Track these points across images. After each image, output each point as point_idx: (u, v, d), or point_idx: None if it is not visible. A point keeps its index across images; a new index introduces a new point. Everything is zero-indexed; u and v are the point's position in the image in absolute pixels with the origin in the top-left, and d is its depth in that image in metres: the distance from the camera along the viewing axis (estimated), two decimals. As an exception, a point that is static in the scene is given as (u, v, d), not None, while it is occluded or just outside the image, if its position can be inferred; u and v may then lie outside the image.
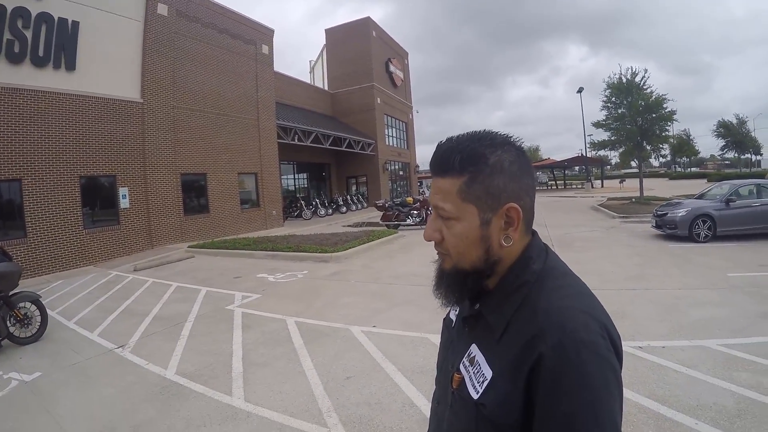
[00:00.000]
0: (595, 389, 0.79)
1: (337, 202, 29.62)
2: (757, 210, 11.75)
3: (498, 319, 0.94)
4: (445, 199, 0.95)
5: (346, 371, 4.83)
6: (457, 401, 0.97)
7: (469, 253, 0.95)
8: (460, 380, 0.97)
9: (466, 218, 0.94)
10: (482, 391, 0.90)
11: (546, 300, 0.89)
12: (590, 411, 0.78)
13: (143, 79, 15.21)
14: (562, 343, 0.81)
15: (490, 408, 0.88)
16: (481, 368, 0.93)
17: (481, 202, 0.93)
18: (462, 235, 0.94)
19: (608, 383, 0.80)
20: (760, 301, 6.50)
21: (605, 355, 0.82)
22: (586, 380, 0.79)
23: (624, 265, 9.41)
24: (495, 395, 0.88)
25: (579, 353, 0.80)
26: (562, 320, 0.84)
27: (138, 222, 14.86)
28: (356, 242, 13.45)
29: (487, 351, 0.94)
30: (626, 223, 16.74)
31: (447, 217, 0.95)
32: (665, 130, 23.60)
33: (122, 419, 4.01)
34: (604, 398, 0.79)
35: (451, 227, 0.95)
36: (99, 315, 7.65)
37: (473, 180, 0.92)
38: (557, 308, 0.87)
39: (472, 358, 0.97)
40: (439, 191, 0.96)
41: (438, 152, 0.98)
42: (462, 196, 0.93)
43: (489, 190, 0.93)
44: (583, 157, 46.54)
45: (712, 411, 3.62)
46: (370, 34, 34.44)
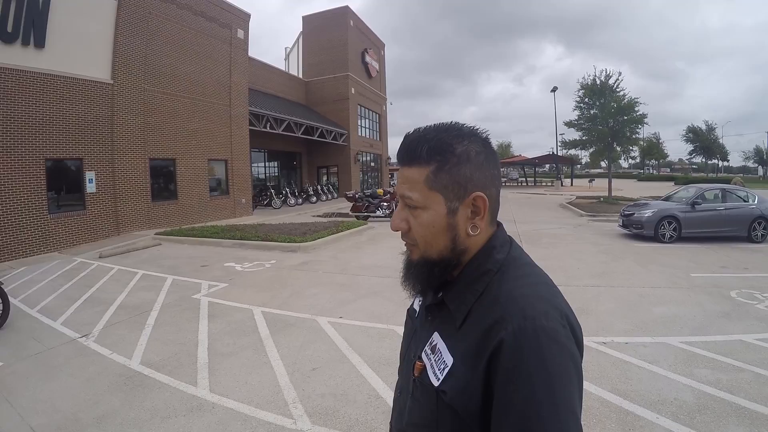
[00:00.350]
0: (553, 376, 0.79)
1: (307, 191, 29.49)
2: (722, 214, 12.24)
3: (459, 307, 0.95)
4: (412, 189, 0.96)
5: (312, 362, 4.88)
6: (419, 389, 0.98)
7: (436, 243, 0.97)
8: (422, 368, 0.98)
9: (432, 207, 0.95)
10: (443, 378, 0.91)
11: (507, 288, 0.91)
12: (548, 397, 0.78)
13: (114, 60, 14.81)
14: (522, 329, 0.82)
15: (451, 394, 0.89)
16: (442, 355, 0.94)
17: (447, 191, 0.94)
18: (429, 224, 0.96)
19: (567, 370, 0.81)
20: (720, 301, 6.80)
21: (565, 342, 0.83)
22: (545, 366, 0.79)
23: (590, 262, 9.67)
24: (455, 382, 0.89)
25: (539, 339, 0.81)
26: (523, 307, 0.85)
27: (105, 207, 14.54)
28: (325, 233, 13.48)
29: (449, 338, 0.95)
30: (594, 222, 17.15)
31: (414, 206, 0.97)
32: (636, 133, 24.14)
33: (86, 410, 3.98)
34: (563, 385, 0.80)
35: (417, 216, 0.97)
36: (63, 303, 7.51)
37: (440, 169, 0.94)
38: (518, 296, 0.88)
39: (434, 345, 0.98)
40: (406, 180, 0.97)
41: (405, 142, 0.99)
42: (429, 185, 0.94)
43: (456, 179, 0.94)
44: (554, 156, 47.21)
45: (673, 406, 3.79)
46: (348, 24, 34.23)
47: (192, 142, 18.40)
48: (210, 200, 19.55)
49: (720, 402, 3.84)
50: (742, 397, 3.89)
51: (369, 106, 38.74)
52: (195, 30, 18.53)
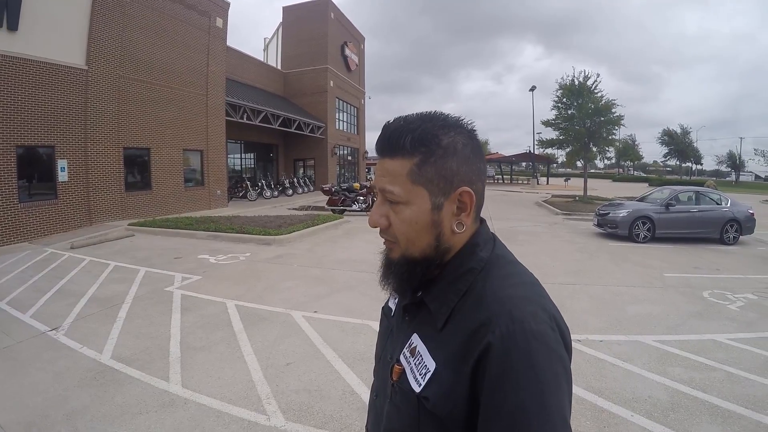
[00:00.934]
0: (543, 382, 0.76)
1: (283, 184, 29.35)
2: (695, 215, 12.58)
3: (441, 308, 0.90)
4: (393, 182, 0.90)
5: (286, 357, 4.88)
6: (398, 394, 0.93)
7: (419, 240, 0.91)
8: (401, 372, 0.93)
9: (415, 202, 0.89)
10: (425, 383, 0.86)
11: (493, 288, 0.86)
12: (538, 404, 0.74)
13: (89, 46, 14.44)
14: (510, 332, 0.78)
15: (434, 401, 0.84)
16: (423, 359, 0.89)
17: (432, 185, 0.89)
18: (411, 220, 0.90)
19: (557, 376, 0.78)
20: (693, 300, 6.99)
21: (554, 346, 0.80)
22: (534, 372, 0.76)
23: (565, 260, 9.83)
24: (438, 388, 0.84)
25: (528, 343, 0.77)
26: (510, 309, 0.81)
27: (77, 197, 14.24)
28: (301, 226, 13.46)
29: (429, 341, 0.90)
30: (569, 220, 17.42)
31: (395, 201, 0.90)
32: (612, 134, 24.49)
33: (55, 406, 3.92)
34: (553, 392, 0.76)
35: (399, 212, 0.91)
36: (32, 295, 7.37)
37: (425, 162, 0.88)
38: (505, 297, 0.84)
39: (413, 348, 0.93)
40: (387, 173, 0.91)
41: (386, 132, 0.93)
42: (412, 179, 0.88)
43: (441, 172, 0.89)
44: (531, 154, 47.68)
45: (647, 404, 3.89)
46: (328, 16, 33.97)
47: (167, 131, 18.12)
48: (185, 191, 19.30)
49: (693, 400, 3.95)
50: (714, 396, 4.02)
51: (347, 99, 38.60)
52: (173, 17, 18.20)
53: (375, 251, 1.09)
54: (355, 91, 40.68)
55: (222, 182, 21.83)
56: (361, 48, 42.69)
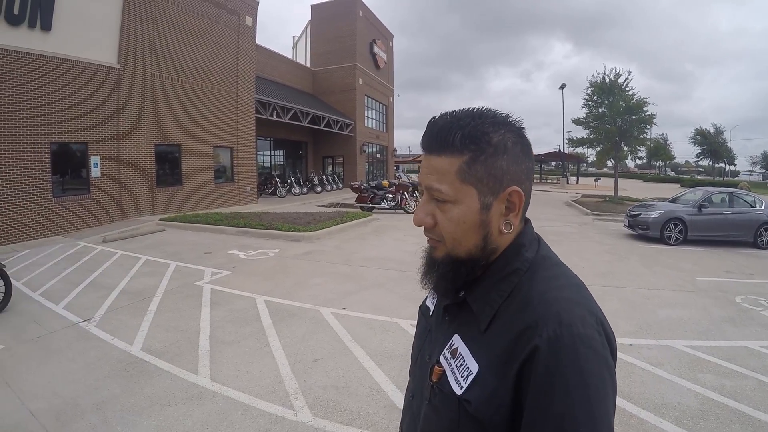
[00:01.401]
0: (591, 388, 0.74)
1: (312, 181, 29.45)
2: (728, 218, 12.18)
3: (485, 308, 0.88)
4: (441, 180, 0.87)
5: (314, 353, 4.85)
6: (437, 396, 0.90)
7: (465, 240, 0.89)
8: (441, 373, 0.91)
9: (464, 201, 0.87)
10: (467, 386, 0.84)
11: (539, 290, 0.84)
12: (586, 411, 0.72)
13: (121, 44, 14.73)
14: (558, 336, 0.76)
15: (476, 405, 0.81)
16: (465, 361, 0.87)
17: (482, 185, 0.87)
18: (459, 219, 0.88)
19: (604, 382, 0.76)
20: (725, 305, 6.74)
21: (601, 351, 0.77)
22: (582, 378, 0.74)
23: (594, 261, 9.61)
24: (481, 391, 0.82)
25: (576, 348, 0.75)
26: (558, 312, 0.79)
27: (109, 192, 14.52)
28: (329, 223, 13.44)
29: (472, 342, 0.88)
30: (599, 221, 17.07)
31: (443, 199, 0.88)
32: (644, 133, 23.91)
33: (85, 395, 3.95)
34: (601, 398, 0.74)
35: (447, 211, 0.88)
36: (65, 287, 7.49)
37: (475, 160, 0.86)
38: (552, 299, 0.82)
39: (455, 349, 0.91)
40: (435, 171, 0.89)
41: (434, 128, 0.90)
42: (461, 177, 0.86)
43: (491, 171, 0.86)
44: (561, 153, 46.97)
45: (677, 410, 3.76)
46: (357, 14, 33.99)
47: (198, 128, 18.36)
48: (215, 187, 19.53)
49: (724, 408, 3.79)
50: (745, 404, 3.85)
51: (376, 97, 38.56)
52: (202, 16, 18.42)
53: (404, 249, 1.03)
54: (384, 88, 40.61)
55: (251, 179, 22.02)
56: (390, 45, 42.63)
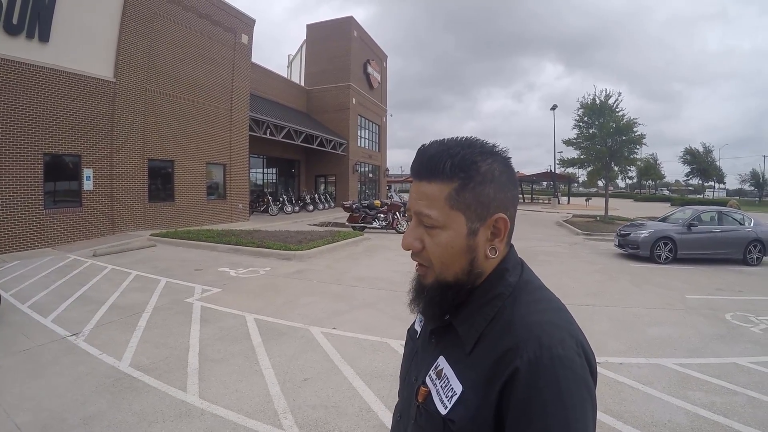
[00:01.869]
0: (570, 408, 0.77)
1: (304, 199, 29.39)
2: (718, 236, 12.34)
3: (469, 331, 0.91)
4: (430, 206, 0.90)
5: (303, 372, 4.83)
6: (423, 416, 0.93)
7: (453, 264, 0.92)
8: (427, 394, 0.94)
9: (452, 227, 0.90)
10: (451, 406, 0.87)
11: (521, 313, 0.87)
12: (563, 430, 0.76)
13: (118, 59, 14.85)
14: (538, 358, 0.79)
15: (460, 424, 0.84)
16: (449, 382, 0.89)
17: (470, 211, 0.90)
18: (447, 244, 0.90)
19: (583, 402, 0.79)
20: (715, 323, 6.81)
21: (580, 372, 0.80)
22: (561, 398, 0.77)
23: (585, 281, 9.67)
24: (465, 411, 0.84)
25: (554, 369, 0.78)
26: (539, 335, 0.82)
27: (101, 205, 14.48)
28: (321, 242, 13.41)
29: (457, 364, 0.91)
30: (590, 240, 17.18)
31: (432, 225, 0.91)
32: (634, 153, 24.16)
33: (72, 410, 3.92)
34: (579, 418, 0.77)
35: (435, 236, 0.91)
36: (54, 300, 7.45)
37: (464, 187, 0.89)
38: (533, 322, 0.85)
39: (440, 370, 0.93)
40: (424, 197, 0.91)
41: (425, 155, 0.93)
42: (450, 204, 0.89)
43: (479, 198, 0.89)
44: (552, 174, 47.32)
45: (667, 428, 3.77)
46: (352, 34, 34.35)
47: (191, 144, 18.41)
48: (207, 204, 19.52)
49: (714, 425, 3.82)
50: (736, 421, 3.88)
51: (369, 117, 38.81)
52: (199, 33, 18.61)
53: (395, 269, 1.08)
54: (377, 108, 40.89)
55: (244, 196, 22.03)
56: (384, 66, 43.03)
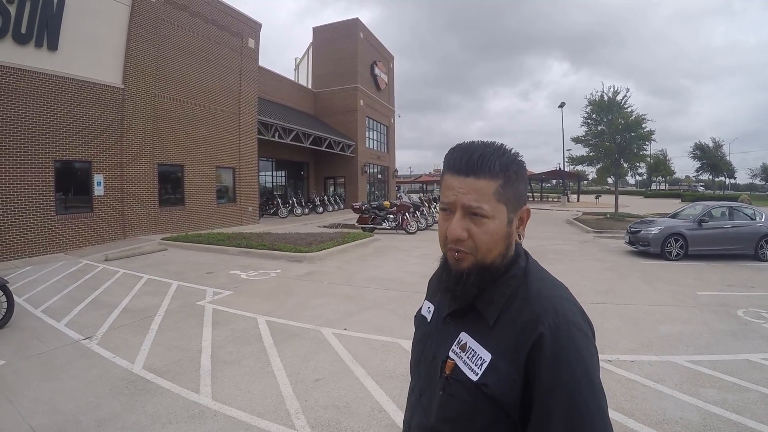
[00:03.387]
0: (587, 360, 0.94)
1: (314, 201, 29.46)
2: (729, 231, 12.16)
3: (489, 308, 1.05)
4: (480, 200, 1.01)
5: (315, 373, 4.83)
6: (453, 385, 1.05)
7: (495, 249, 1.04)
8: (453, 366, 1.06)
9: (498, 217, 1.03)
10: (482, 372, 1.00)
11: (536, 289, 1.04)
12: (587, 378, 0.92)
13: (126, 65, 14.97)
14: (557, 324, 0.95)
15: (492, 387, 0.97)
16: (476, 353, 1.03)
17: (510, 204, 1.04)
18: (494, 232, 1.03)
19: (593, 356, 0.97)
20: (727, 319, 6.73)
21: (588, 333, 1.00)
22: (581, 353, 0.94)
23: (595, 279, 9.60)
24: (496, 375, 0.98)
25: (571, 332, 0.95)
26: (554, 305, 0.99)
27: (112, 211, 14.61)
28: (331, 243, 13.43)
29: (481, 337, 1.04)
30: (600, 238, 17.04)
31: (482, 215, 1.01)
32: (643, 149, 23.99)
33: (86, 412, 3.95)
34: (594, 367, 0.95)
35: (482, 225, 1.02)
36: (67, 304, 7.51)
37: (507, 183, 1.03)
38: (547, 296, 1.02)
39: (464, 344, 1.06)
40: (474, 191, 1.02)
41: (472, 154, 1.04)
42: (497, 197, 1.02)
43: (516, 193, 1.05)
44: (561, 171, 47.06)
45: (678, 425, 3.73)
46: (358, 36, 34.36)
47: (200, 149, 18.51)
48: (217, 207, 19.62)
49: (726, 422, 3.78)
50: (748, 418, 3.84)
51: (377, 118, 38.77)
52: (206, 38, 18.72)
53: (405, 270, 1.14)
54: (385, 109, 40.86)
55: (253, 199, 22.10)
56: (390, 67, 42.97)
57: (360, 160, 33.98)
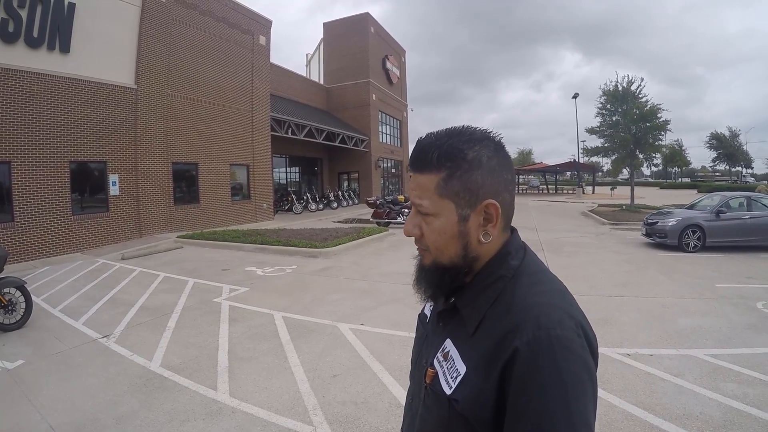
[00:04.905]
0: (568, 387, 0.78)
1: (328, 197, 29.52)
2: (747, 222, 11.88)
3: (472, 313, 0.94)
4: (422, 196, 0.95)
5: (332, 369, 4.81)
6: (430, 396, 0.97)
7: (447, 249, 0.96)
8: (434, 375, 0.97)
9: (443, 214, 0.94)
10: (455, 386, 0.90)
11: (521, 295, 0.89)
12: (562, 408, 0.77)
13: (138, 65, 15.04)
14: (536, 338, 0.81)
15: (463, 403, 0.87)
16: (454, 363, 0.93)
17: (458, 198, 0.93)
18: (440, 231, 0.95)
19: (582, 381, 0.80)
20: (746, 312, 6.57)
21: (579, 353, 0.82)
22: (560, 377, 0.78)
23: (612, 271, 9.46)
24: (468, 390, 0.87)
25: (553, 349, 0.80)
26: (537, 315, 0.84)
27: (127, 210, 14.72)
28: (346, 238, 13.42)
29: (462, 345, 0.94)
30: (616, 230, 16.83)
31: (425, 212, 0.96)
32: (658, 140, 23.67)
33: (105, 410, 3.96)
34: (578, 396, 0.78)
35: (429, 223, 0.96)
36: (84, 303, 7.57)
37: (451, 176, 0.92)
38: (533, 304, 0.87)
39: (446, 353, 0.97)
40: (417, 187, 0.97)
41: (417, 148, 0.98)
42: (439, 192, 0.93)
43: (467, 185, 0.92)
44: (576, 163, 46.64)
45: (699, 421, 3.65)
46: (369, 30, 34.31)
47: (214, 146, 18.58)
48: (231, 204, 19.69)
49: (747, 417, 3.68)
50: (769, 413, 3.74)
51: (390, 112, 38.73)
52: (217, 36, 18.74)
53: None
54: (398, 103, 40.81)
55: (268, 196, 22.16)
56: (402, 61, 42.88)
57: (373, 155, 33.98)
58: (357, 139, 32.00)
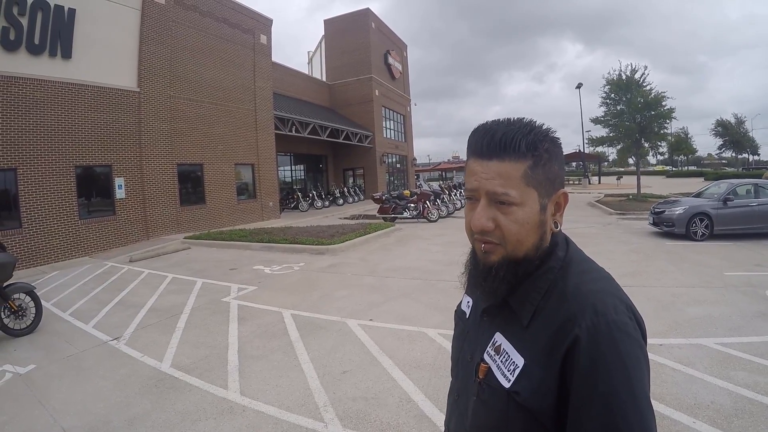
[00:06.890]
0: (629, 368, 0.81)
1: (334, 194, 29.54)
2: (755, 209, 11.75)
3: (525, 306, 0.94)
4: (506, 185, 0.90)
5: (342, 365, 4.81)
6: (486, 391, 0.96)
7: (527, 240, 0.94)
8: (487, 370, 0.97)
9: (528, 203, 0.92)
10: (514, 379, 0.90)
11: (574, 284, 0.91)
12: (627, 389, 0.80)
13: (140, 68, 15.06)
14: (595, 325, 0.83)
15: (525, 395, 0.88)
16: (510, 356, 0.93)
17: (541, 187, 0.92)
18: (524, 221, 0.92)
19: (639, 361, 0.83)
20: (756, 300, 6.52)
21: (634, 334, 0.85)
22: (621, 360, 0.81)
23: (620, 261, 9.41)
24: (529, 382, 0.88)
25: (612, 334, 0.83)
26: (593, 303, 0.86)
27: (134, 212, 14.77)
28: (353, 235, 13.41)
29: (515, 339, 0.94)
30: (623, 220, 16.76)
31: (509, 202, 0.91)
32: (664, 128, 23.50)
33: (117, 412, 3.98)
34: (638, 376, 0.82)
35: (510, 213, 0.92)
36: (94, 306, 7.60)
37: (536, 164, 0.91)
38: (586, 292, 0.89)
39: (498, 346, 0.97)
40: (498, 176, 0.91)
41: (495, 134, 0.92)
42: (526, 181, 0.91)
43: (548, 175, 0.93)
44: (581, 154, 46.42)
45: (710, 410, 3.63)
46: (370, 26, 34.18)
47: (218, 147, 18.60)
48: (237, 204, 19.72)
49: (758, 406, 3.66)
50: (781, 401, 3.71)
51: (393, 107, 38.60)
52: (218, 36, 18.74)
53: (428, 258, 1.04)
54: (401, 98, 40.66)
55: (273, 194, 22.17)
56: (404, 56, 42.71)
57: (378, 151, 33.90)
58: (361, 135, 31.95)
